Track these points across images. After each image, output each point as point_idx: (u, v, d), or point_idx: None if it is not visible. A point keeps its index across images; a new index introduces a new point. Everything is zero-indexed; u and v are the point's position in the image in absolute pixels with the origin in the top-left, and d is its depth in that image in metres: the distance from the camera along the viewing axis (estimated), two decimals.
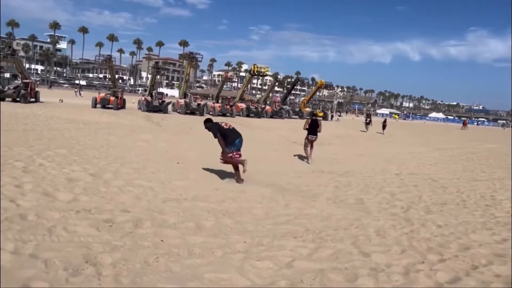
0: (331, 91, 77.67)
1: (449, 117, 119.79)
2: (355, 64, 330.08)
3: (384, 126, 32.68)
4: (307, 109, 48.27)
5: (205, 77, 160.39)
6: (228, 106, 38.07)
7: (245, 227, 5.20)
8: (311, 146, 13.17)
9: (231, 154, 8.50)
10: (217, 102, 39.28)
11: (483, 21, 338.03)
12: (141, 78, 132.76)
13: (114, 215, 5.11)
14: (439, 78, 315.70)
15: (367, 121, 33.33)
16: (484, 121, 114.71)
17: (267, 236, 4.90)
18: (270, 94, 49.19)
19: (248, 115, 39.70)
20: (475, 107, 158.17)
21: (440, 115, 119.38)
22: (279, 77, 61.99)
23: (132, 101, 41.18)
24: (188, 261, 3.92)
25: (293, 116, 44.21)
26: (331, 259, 4.34)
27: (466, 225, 6.33)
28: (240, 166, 8.46)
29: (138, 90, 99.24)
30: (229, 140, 8.54)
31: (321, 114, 47.31)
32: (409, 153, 19.41)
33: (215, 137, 8.59)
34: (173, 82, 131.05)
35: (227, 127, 8.79)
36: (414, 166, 13.96)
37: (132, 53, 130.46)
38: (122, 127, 18.23)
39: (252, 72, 41.59)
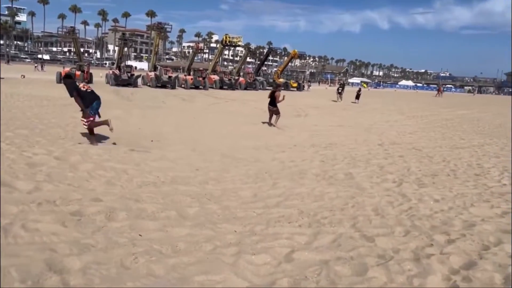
0: (303, 61, 77.14)
1: (418, 84, 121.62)
2: (326, 34, 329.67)
3: (358, 96, 32.48)
4: (281, 80, 47.55)
5: (174, 49, 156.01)
6: (200, 79, 36.93)
7: (234, 213, 4.66)
8: (271, 115, 14.31)
9: (91, 118, 8.39)
10: (189, 74, 38.01)
11: None
12: (107, 51, 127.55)
13: (83, 206, 4.45)
14: (408, 46, 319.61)
15: (339, 91, 32.98)
16: (451, 87, 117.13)
17: (259, 223, 4.38)
18: (243, 66, 48.08)
19: (221, 87, 38.71)
20: (442, 74, 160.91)
21: (410, 83, 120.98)
22: (251, 47, 60.40)
23: (99, 75, 39.30)
24: (173, 260, 3.35)
25: (267, 88, 43.45)
26: (333, 247, 3.87)
27: (463, 198, 6.02)
28: (103, 126, 8.61)
29: (105, 63, 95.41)
30: (87, 102, 8.36)
31: (295, 84, 46.82)
32: (386, 121, 19.29)
33: (71, 95, 8.35)
34: (141, 54, 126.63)
35: (84, 88, 8.58)
36: (394, 135, 13.72)
37: (97, 25, 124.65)
38: None
39: (224, 42, 40.29)
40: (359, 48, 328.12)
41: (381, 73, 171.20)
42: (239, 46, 44.38)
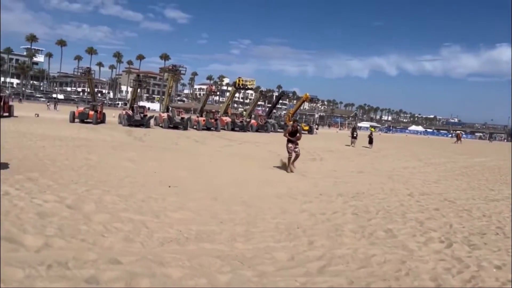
0: (312, 104, 77.44)
1: (428, 130, 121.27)
2: (334, 79, 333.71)
3: (370, 140, 31.95)
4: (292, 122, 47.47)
5: (186, 91, 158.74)
6: (212, 120, 36.87)
7: (274, 283, 3.97)
8: (291, 156, 13.34)
9: None
10: (201, 116, 38.01)
11: (456, 37, 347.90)
12: (120, 92, 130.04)
13: (99, 270, 3.82)
14: (416, 92, 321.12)
15: (354, 136, 32.46)
16: (462, 133, 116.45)
17: None
18: (254, 108, 48.22)
19: (233, 129, 38.56)
20: (451, 120, 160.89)
21: (420, 128, 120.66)
22: (263, 90, 61.03)
23: (112, 115, 39.48)
24: None
25: (278, 130, 43.24)
26: None
27: None
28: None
29: (118, 103, 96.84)
30: None
31: (306, 127, 46.65)
32: (404, 168, 18.61)
33: None
34: (153, 95, 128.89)
35: None
36: (420, 184, 13.03)
37: (112, 67, 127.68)
38: (102, 144, 16.77)
39: (237, 85, 40.55)
40: (367, 93, 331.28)
41: (389, 118, 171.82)
42: (251, 89, 44.65)
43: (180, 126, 34.23)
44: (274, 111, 56.88)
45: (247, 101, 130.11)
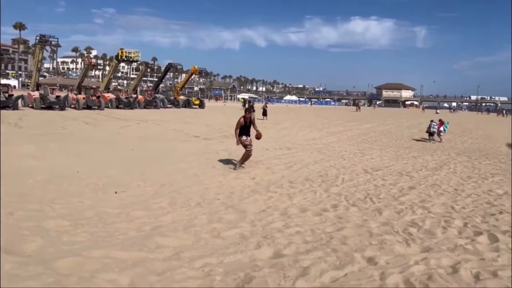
0: (196, 78, 75.11)
1: (301, 99, 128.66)
2: (207, 50, 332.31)
3: (265, 112, 31.85)
4: (182, 97, 45.08)
5: (46, 65, 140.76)
6: (94, 98, 32.71)
7: None
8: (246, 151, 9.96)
9: None
10: (80, 93, 33.43)
11: (316, 10, 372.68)
12: None
13: None
14: (286, 63, 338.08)
15: (251, 109, 31.85)
16: (330, 101, 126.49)
17: None
18: (139, 83, 44.36)
19: (117, 107, 34.86)
20: (317, 89, 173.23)
21: (294, 98, 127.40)
22: (149, 63, 55.76)
23: None
24: None
25: (168, 106, 40.58)
26: None
27: None
28: None
29: None
30: None
31: (197, 102, 44.71)
32: (313, 139, 18.66)
33: None
34: (6, 71, 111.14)
35: None
36: (358, 158, 12.83)
37: None
38: None
39: (119, 57, 36.41)
40: (242, 65, 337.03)
41: (264, 89, 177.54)
42: (137, 61, 40.69)
43: (56, 106, 29.51)
44: (162, 85, 53.45)
45: (119, 75, 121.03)
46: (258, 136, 10.06)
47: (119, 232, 4.82)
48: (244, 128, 9.82)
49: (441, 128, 20.83)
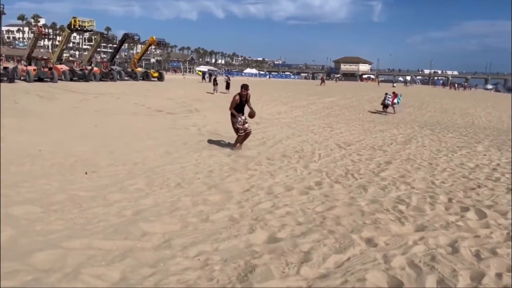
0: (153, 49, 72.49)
1: (261, 72, 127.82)
2: (164, 20, 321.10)
3: (228, 85, 31.37)
4: (140, 69, 43.33)
5: None
6: (46, 69, 30.74)
7: None
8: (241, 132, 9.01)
9: None
10: (30, 64, 31.28)
11: None
12: None
13: None
14: (245, 35, 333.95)
15: (215, 82, 31.15)
16: (290, 74, 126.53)
17: None
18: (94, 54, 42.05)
19: (71, 79, 33.00)
20: (276, 62, 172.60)
21: (254, 71, 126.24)
22: (104, 33, 51.98)
23: None
24: None
25: (125, 78, 38.89)
26: None
27: None
28: None
29: None
30: None
31: (156, 74, 43.13)
32: (278, 113, 18.55)
33: None
34: None
35: None
36: (327, 132, 12.82)
37: None
38: None
39: (72, 27, 34.13)
40: (200, 36, 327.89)
41: (223, 61, 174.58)
42: (91, 31, 38.38)
43: (4, 78, 27.46)
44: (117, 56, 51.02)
45: (70, 45, 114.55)
46: (252, 115, 9.15)
47: (98, 219, 4.41)
48: (239, 106, 8.94)
49: (395, 100, 21.83)
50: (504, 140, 13.01)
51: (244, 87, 8.94)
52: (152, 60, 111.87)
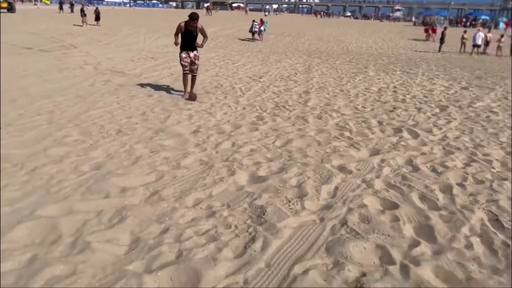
0: None
1: (125, 1, 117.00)
2: None
3: (97, 16, 28.61)
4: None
5: None
6: None
7: None
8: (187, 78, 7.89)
9: None
10: None
11: None
12: None
13: None
14: None
15: (83, 14, 27.72)
16: (157, 3, 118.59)
17: None
18: None
19: None
20: None
21: None
22: None
23: None
24: None
25: None
26: None
27: None
28: None
29: None
30: None
31: (5, 4, 36.36)
32: (165, 46, 17.68)
33: None
34: None
35: None
36: (235, 67, 12.66)
37: None
38: None
39: None
40: None
41: None
42: None
43: None
44: None
45: None
46: (199, 44, 7.70)
47: (56, 179, 3.85)
48: (188, 39, 7.53)
49: (262, 28, 23.63)
50: (384, 65, 14.52)
51: (192, 16, 7.35)
52: None
